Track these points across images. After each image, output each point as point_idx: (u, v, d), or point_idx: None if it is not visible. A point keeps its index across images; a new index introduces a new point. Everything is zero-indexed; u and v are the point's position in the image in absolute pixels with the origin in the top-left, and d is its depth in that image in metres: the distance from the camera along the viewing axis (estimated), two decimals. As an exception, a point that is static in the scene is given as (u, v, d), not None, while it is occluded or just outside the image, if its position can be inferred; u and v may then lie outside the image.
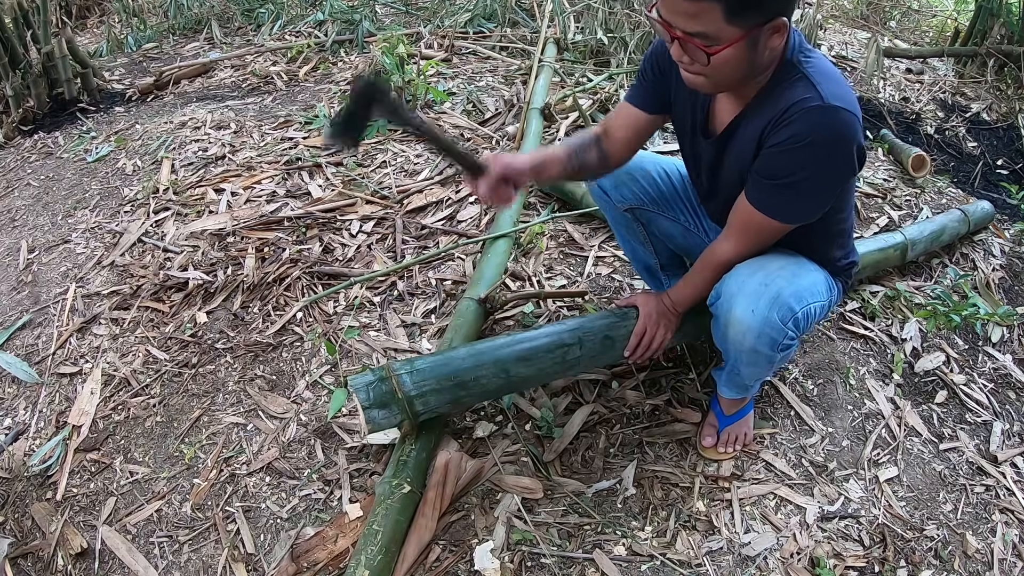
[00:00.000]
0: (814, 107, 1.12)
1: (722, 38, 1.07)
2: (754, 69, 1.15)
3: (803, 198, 1.23)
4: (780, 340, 1.31)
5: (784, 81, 1.18)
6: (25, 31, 3.62)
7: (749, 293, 1.28)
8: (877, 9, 5.09)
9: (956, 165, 3.05)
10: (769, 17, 1.06)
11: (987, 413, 1.84)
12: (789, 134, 1.15)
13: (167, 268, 2.26)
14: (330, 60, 3.93)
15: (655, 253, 1.77)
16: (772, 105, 1.18)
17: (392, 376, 1.43)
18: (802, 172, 1.18)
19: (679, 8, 1.06)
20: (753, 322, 1.28)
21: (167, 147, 3.00)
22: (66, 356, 2.04)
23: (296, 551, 1.46)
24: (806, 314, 1.32)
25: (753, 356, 1.36)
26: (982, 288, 2.25)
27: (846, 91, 1.15)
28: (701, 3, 1.03)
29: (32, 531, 1.61)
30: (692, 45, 1.09)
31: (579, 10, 3.86)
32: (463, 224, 2.39)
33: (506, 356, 1.50)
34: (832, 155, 1.16)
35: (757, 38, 1.08)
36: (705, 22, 1.05)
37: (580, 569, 1.41)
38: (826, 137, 1.14)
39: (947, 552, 1.50)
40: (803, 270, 1.35)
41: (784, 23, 1.08)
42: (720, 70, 1.12)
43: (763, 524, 1.51)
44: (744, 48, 1.09)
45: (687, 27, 1.07)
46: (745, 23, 1.05)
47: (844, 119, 1.12)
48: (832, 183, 1.23)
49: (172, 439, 1.76)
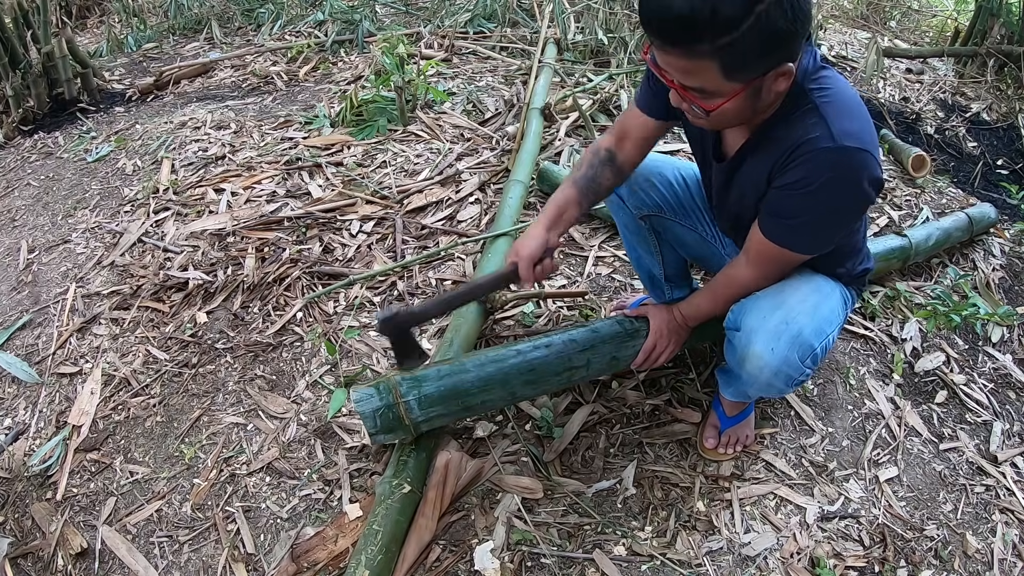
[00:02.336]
0: (824, 149, 1.06)
1: (721, 93, 1.03)
2: (759, 109, 1.10)
3: (816, 234, 1.20)
4: (796, 377, 1.29)
5: (793, 112, 1.12)
6: (25, 31, 3.62)
7: (770, 331, 1.24)
8: (877, 9, 5.09)
9: (956, 165, 3.05)
10: (773, 67, 1.00)
11: (987, 413, 1.84)
12: (798, 176, 1.10)
13: (167, 268, 2.26)
14: (330, 60, 3.93)
15: (662, 263, 1.73)
16: (781, 138, 1.13)
17: (400, 403, 1.42)
18: (813, 213, 1.15)
19: (675, 64, 1.01)
20: (772, 360, 1.25)
21: (167, 147, 3.00)
22: (66, 356, 2.04)
23: (296, 551, 1.46)
24: (824, 347, 1.30)
25: (767, 388, 1.34)
26: (982, 288, 2.25)
27: (860, 124, 1.08)
28: (696, 61, 0.98)
29: (32, 531, 1.61)
30: (689, 98, 1.06)
31: (579, 10, 3.86)
32: (463, 224, 2.39)
33: (514, 378, 1.49)
34: (843, 196, 1.11)
35: (760, 87, 1.04)
36: (703, 79, 1.01)
37: (580, 569, 1.41)
38: (837, 181, 1.08)
39: (947, 552, 1.50)
40: (823, 299, 1.31)
41: (790, 69, 1.02)
42: (720, 119, 1.09)
43: (763, 524, 1.51)
44: (744, 98, 1.04)
45: (684, 81, 1.03)
46: (745, 78, 1.01)
47: (856, 161, 1.06)
48: (845, 219, 1.18)
49: (172, 439, 1.76)
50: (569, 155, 2.69)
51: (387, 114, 3.02)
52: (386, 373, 1.48)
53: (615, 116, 3.00)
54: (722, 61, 0.97)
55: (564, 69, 3.43)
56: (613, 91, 3.10)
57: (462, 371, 1.47)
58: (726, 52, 0.96)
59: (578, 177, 1.45)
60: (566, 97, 3.00)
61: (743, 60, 0.98)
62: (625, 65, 3.42)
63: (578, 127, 2.89)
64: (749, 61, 0.98)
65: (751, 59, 0.98)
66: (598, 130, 2.89)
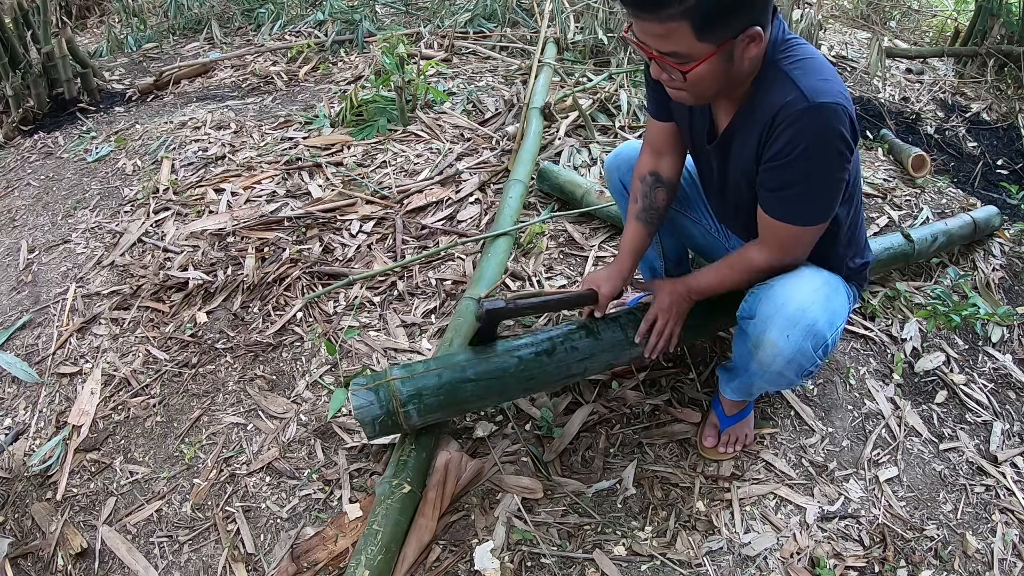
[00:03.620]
0: (800, 110, 1.11)
1: (695, 55, 1.08)
2: (735, 78, 1.15)
3: (816, 198, 1.22)
4: (807, 367, 1.31)
5: (766, 82, 1.18)
6: (25, 31, 3.62)
7: (786, 318, 1.26)
8: (877, 9, 5.09)
9: (956, 165, 3.05)
10: (741, 29, 1.06)
11: (987, 413, 1.84)
12: (782, 144, 1.15)
13: (167, 268, 2.26)
14: (330, 60, 3.93)
15: (663, 255, 1.77)
16: (760, 110, 1.18)
17: (399, 412, 1.43)
18: (805, 178, 1.18)
19: (650, 30, 1.07)
20: (786, 348, 1.27)
21: (167, 147, 3.00)
22: (66, 356, 2.04)
23: (296, 551, 1.46)
24: (835, 339, 1.32)
25: (777, 378, 1.35)
26: (982, 288, 2.25)
27: (828, 80, 1.13)
28: (669, 24, 1.04)
29: (32, 531, 1.61)
30: (667, 64, 1.11)
31: (579, 10, 3.86)
32: (463, 224, 2.39)
33: (512, 386, 1.51)
34: (828, 151, 1.15)
35: (731, 51, 1.09)
36: (676, 42, 1.06)
37: (580, 569, 1.41)
38: (819, 137, 1.13)
39: (947, 552, 1.50)
40: (832, 291, 1.33)
41: (758, 32, 1.08)
42: (698, 85, 1.13)
43: (763, 524, 1.51)
44: (719, 62, 1.09)
45: (660, 47, 1.09)
46: (716, 39, 1.06)
47: (830, 113, 1.11)
48: (837, 174, 1.20)
49: (172, 439, 1.76)
50: (569, 154, 2.69)
51: (387, 114, 3.02)
52: (384, 371, 1.47)
53: (615, 116, 3.00)
54: (692, 21, 1.03)
55: (564, 69, 3.43)
56: (613, 90, 3.10)
57: (463, 380, 1.47)
58: (695, 12, 1.02)
59: (638, 211, 1.54)
60: (566, 97, 3.00)
61: (712, 19, 1.04)
62: (625, 64, 3.42)
63: (578, 127, 2.89)
64: (718, 20, 1.04)
65: (720, 18, 1.04)
66: (598, 130, 2.89)
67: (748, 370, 1.39)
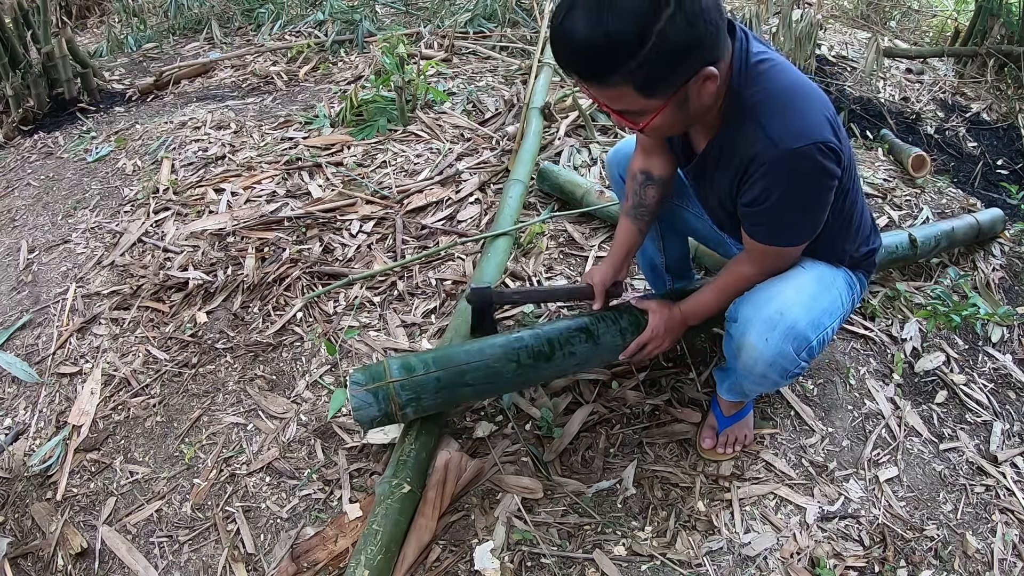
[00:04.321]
0: (771, 161, 1.10)
1: (647, 110, 1.06)
2: (696, 114, 1.12)
3: (798, 224, 1.22)
4: (791, 369, 1.30)
5: (733, 120, 1.15)
6: (25, 31, 3.62)
7: (764, 320, 1.25)
8: (877, 9, 5.09)
9: (956, 165, 3.05)
10: (691, 75, 1.02)
11: (987, 413, 1.84)
12: (757, 192, 1.15)
13: (167, 268, 2.26)
14: (330, 60, 3.93)
15: (663, 251, 1.76)
16: (730, 151, 1.17)
17: (398, 413, 1.43)
18: (786, 213, 1.18)
19: (597, 95, 1.06)
20: (766, 351, 1.26)
21: (167, 147, 3.00)
22: (66, 356, 2.04)
23: (296, 551, 1.46)
24: (822, 340, 1.30)
25: (761, 380, 1.35)
26: (982, 288, 2.25)
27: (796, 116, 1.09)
28: (613, 90, 1.02)
29: (32, 531, 1.61)
30: (622, 120, 1.10)
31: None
32: (463, 224, 2.39)
33: (507, 384, 1.53)
34: (807, 189, 1.14)
35: (685, 96, 1.06)
36: (626, 103, 1.05)
37: (580, 569, 1.41)
38: (794, 181, 1.12)
39: (947, 552, 1.50)
40: (822, 290, 1.31)
41: (711, 72, 1.03)
42: (658, 131, 1.13)
43: (763, 524, 1.51)
44: (672, 110, 1.07)
45: (612, 105, 1.08)
46: (664, 94, 1.03)
47: (800, 158, 1.09)
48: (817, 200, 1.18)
49: (172, 439, 1.76)
50: (569, 154, 2.69)
51: (387, 114, 3.02)
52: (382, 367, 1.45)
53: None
54: (635, 84, 1.00)
55: (564, 69, 3.42)
56: (613, 91, 3.10)
57: (460, 383, 1.46)
58: (636, 75, 0.99)
59: (628, 208, 1.54)
60: (566, 96, 3.00)
61: (655, 78, 1.00)
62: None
63: (578, 126, 2.89)
64: (662, 78, 1.01)
65: (663, 75, 1.01)
66: (598, 130, 2.89)
67: (736, 371, 1.39)
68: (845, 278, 1.39)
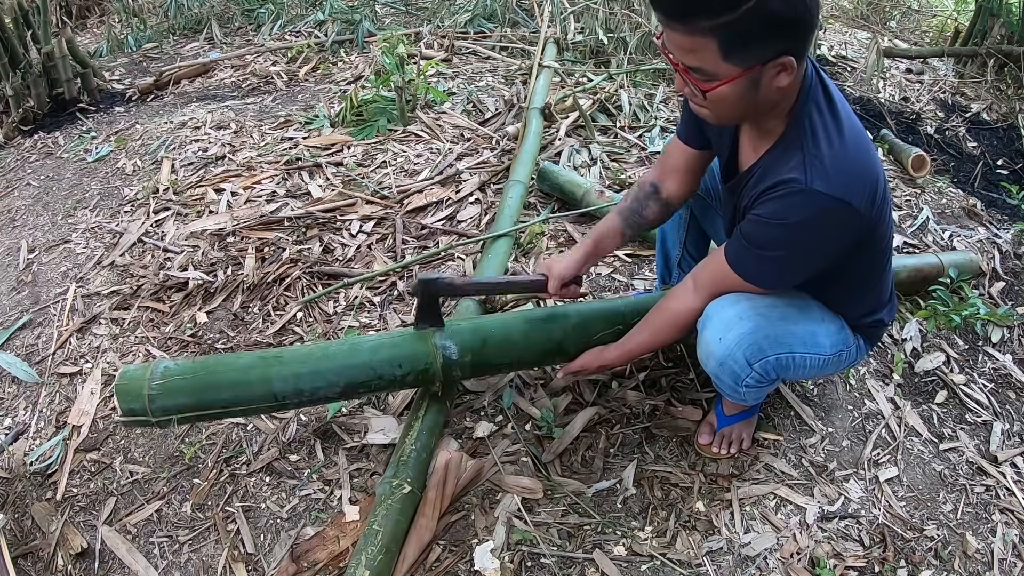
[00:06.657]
0: (794, 191, 1.08)
1: (719, 75, 1.03)
2: (760, 106, 1.10)
3: (783, 272, 1.21)
4: (743, 377, 1.28)
5: (789, 145, 1.13)
6: (25, 31, 3.62)
7: (723, 320, 1.24)
8: (877, 9, 5.09)
9: (956, 165, 3.05)
10: (772, 56, 1.00)
11: (987, 413, 1.84)
12: (768, 211, 1.12)
13: (167, 268, 2.26)
14: (330, 60, 3.93)
15: (682, 243, 1.73)
16: (774, 170, 1.14)
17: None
18: (777, 248, 1.16)
19: (678, 41, 1.02)
20: (717, 350, 1.25)
21: (167, 147, 3.00)
22: (66, 356, 2.04)
23: (296, 551, 1.46)
24: (785, 363, 1.27)
25: (716, 380, 1.34)
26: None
27: (846, 173, 1.08)
28: (697, 38, 0.99)
29: (32, 531, 1.61)
30: (689, 79, 1.06)
31: (579, 10, 3.86)
32: (463, 224, 2.39)
33: None
34: (806, 235, 1.12)
35: (758, 76, 1.03)
36: (702, 58, 1.01)
37: (580, 569, 1.41)
38: (800, 222, 1.09)
39: (947, 552, 1.50)
40: (802, 318, 1.29)
41: (790, 63, 1.01)
42: (720, 105, 1.08)
43: (763, 524, 1.51)
44: (743, 85, 1.04)
45: (685, 60, 1.04)
46: (743, 61, 1.00)
47: (821, 207, 1.07)
48: (809, 254, 1.17)
49: (172, 439, 1.76)
50: (569, 155, 2.69)
51: (387, 114, 3.02)
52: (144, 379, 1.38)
53: (615, 116, 3.00)
54: (721, 40, 0.98)
55: (564, 69, 3.43)
56: (613, 91, 3.10)
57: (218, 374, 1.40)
58: (725, 31, 0.97)
59: (622, 208, 1.50)
60: (566, 97, 3.00)
61: (742, 41, 0.98)
62: (625, 65, 3.42)
63: (578, 127, 2.89)
64: (748, 43, 0.99)
65: (750, 41, 0.98)
66: (598, 130, 2.89)
67: None
68: (841, 327, 1.35)
